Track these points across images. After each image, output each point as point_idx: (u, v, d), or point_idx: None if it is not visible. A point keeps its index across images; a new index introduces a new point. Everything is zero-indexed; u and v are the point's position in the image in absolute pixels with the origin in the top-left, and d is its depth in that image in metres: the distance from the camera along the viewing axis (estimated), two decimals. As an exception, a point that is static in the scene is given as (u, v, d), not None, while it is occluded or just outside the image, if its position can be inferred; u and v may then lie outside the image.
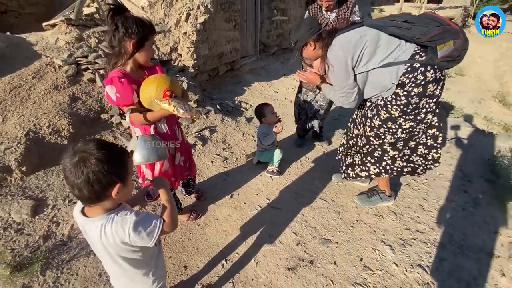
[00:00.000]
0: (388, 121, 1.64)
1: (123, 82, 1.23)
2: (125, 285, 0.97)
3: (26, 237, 1.60)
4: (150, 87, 1.23)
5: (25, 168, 1.92)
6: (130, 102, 1.28)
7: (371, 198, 2.06)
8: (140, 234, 0.80)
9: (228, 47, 4.45)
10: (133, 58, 1.31)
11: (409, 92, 1.51)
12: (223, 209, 2.00)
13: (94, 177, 0.71)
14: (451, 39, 1.38)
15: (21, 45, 2.84)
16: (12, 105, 2.24)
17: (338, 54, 1.53)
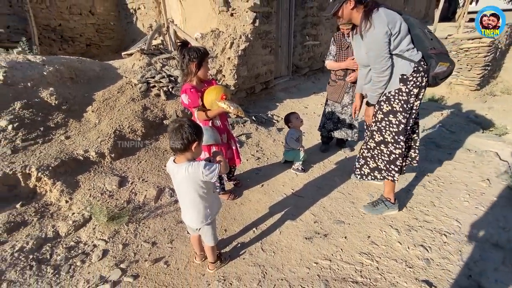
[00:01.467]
0: (390, 114, 1.87)
1: (192, 92, 1.86)
2: (192, 215, 1.48)
3: (115, 201, 2.24)
4: (212, 93, 1.82)
5: (113, 155, 2.63)
6: (197, 105, 1.88)
7: (377, 206, 2.17)
8: (208, 170, 1.33)
9: (264, 69, 5.11)
10: (197, 75, 1.93)
11: (410, 91, 1.78)
12: (255, 194, 2.47)
13: (185, 135, 1.27)
14: (449, 63, 1.70)
15: (109, 69, 3.78)
16: (104, 111, 3.05)
17: (382, 17, 1.64)
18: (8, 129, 2.44)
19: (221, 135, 2.05)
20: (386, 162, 2.01)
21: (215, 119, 2.02)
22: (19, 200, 2.12)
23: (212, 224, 1.56)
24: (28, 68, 2.94)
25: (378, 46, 1.69)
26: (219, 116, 2.03)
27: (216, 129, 2.01)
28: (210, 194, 1.48)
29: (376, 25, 1.65)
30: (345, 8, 1.76)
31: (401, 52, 1.74)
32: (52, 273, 1.65)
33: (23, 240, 1.82)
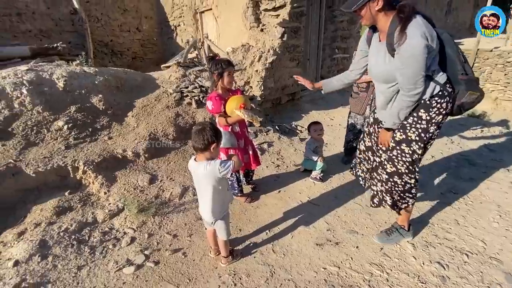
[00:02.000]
0: (403, 143, 1.62)
1: (216, 99, 2.07)
2: (209, 209, 1.64)
3: (145, 195, 2.50)
4: (233, 102, 2.02)
5: (147, 155, 2.93)
6: (219, 111, 2.08)
7: (391, 236, 1.98)
8: (223, 167, 1.50)
9: (290, 81, 5.26)
10: (220, 84, 2.14)
11: (431, 119, 1.53)
12: (271, 199, 2.57)
13: (206, 136, 1.47)
14: (479, 93, 1.50)
15: (149, 79, 4.22)
16: (142, 116, 3.41)
17: (422, 27, 1.34)
18: (64, 129, 2.87)
19: (239, 140, 2.22)
20: (401, 192, 1.78)
21: (234, 125, 2.19)
22: (68, 189, 2.47)
23: (225, 219, 1.70)
24: (84, 77, 3.43)
25: (417, 62, 1.37)
26: (238, 123, 2.21)
27: (235, 134, 2.18)
28: (225, 191, 1.65)
29: (415, 35, 1.34)
30: (371, 8, 1.44)
31: (431, 72, 1.46)
32: (89, 252, 1.91)
33: (68, 222, 2.12)
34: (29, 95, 2.90)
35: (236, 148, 2.18)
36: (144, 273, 1.76)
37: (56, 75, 3.24)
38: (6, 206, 2.26)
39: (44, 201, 2.32)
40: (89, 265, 1.82)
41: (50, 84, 3.14)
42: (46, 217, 2.15)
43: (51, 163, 2.49)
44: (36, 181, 2.41)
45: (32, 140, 2.69)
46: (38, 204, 2.28)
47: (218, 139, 1.53)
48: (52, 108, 2.99)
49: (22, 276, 1.69)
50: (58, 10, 6.89)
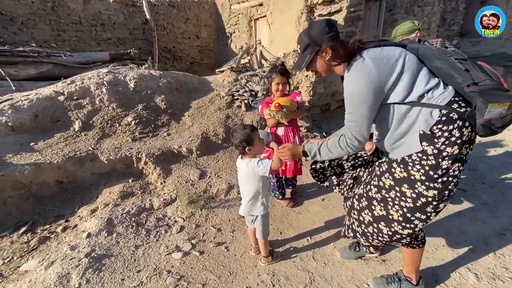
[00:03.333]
0: (403, 183, 1.27)
1: (263, 103, 2.18)
2: (249, 205, 1.73)
3: (195, 189, 2.69)
4: (272, 104, 2.08)
5: (199, 152, 3.16)
6: (261, 114, 2.16)
7: (390, 285, 1.62)
8: (260, 165, 1.58)
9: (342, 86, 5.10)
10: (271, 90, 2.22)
11: (441, 151, 1.17)
12: (314, 206, 2.52)
13: (237, 142, 1.60)
14: (509, 102, 1.10)
15: (205, 83, 4.54)
16: (197, 116, 3.69)
17: (370, 70, 1.17)
18: (132, 124, 3.27)
19: (280, 143, 2.24)
20: (385, 241, 1.44)
21: (279, 127, 2.23)
22: (131, 177, 2.80)
23: (264, 219, 1.74)
24: (150, 80, 3.86)
25: (354, 107, 1.22)
26: (284, 126, 2.24)
27: (277, 137, 2.23)
28: (266, 189, 1.71)
29: (356, 78, 1.19)
30: (320, 60, 1.30)
31: (418, 98, 1.18)
32: (145, 234, 2.13)
33: (130, 206, 2.41)
34: (107, 94, 3.39)
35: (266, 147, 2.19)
36: (190, 260, 1.90)
37: (129, 77, 3.72)
38: (84, 186, 2.67)
39: (112, 185, 2.68)
40: (144, 245, 2.04)
41: (124, 84, 3.62)
42: (113, 199, 2.47)
43: (120, 153, 2.86)
44: (108, 167, 2.80)
45: (107, 132, 3.13)
46: (107, 188, 2.64)
47: (249, 142, 1.58)
48: (123, 106, 3.43)
49: (92, 247, 1.97)
50: (133, 20, 7.88)
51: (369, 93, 1.17)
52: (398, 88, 1.19)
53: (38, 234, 2.18)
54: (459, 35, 8.29)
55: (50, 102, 3.15)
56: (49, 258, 1.88)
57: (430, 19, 6.46)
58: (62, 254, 1.91)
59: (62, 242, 2.08)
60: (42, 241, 2.10)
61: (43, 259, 1.90)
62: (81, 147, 2.84)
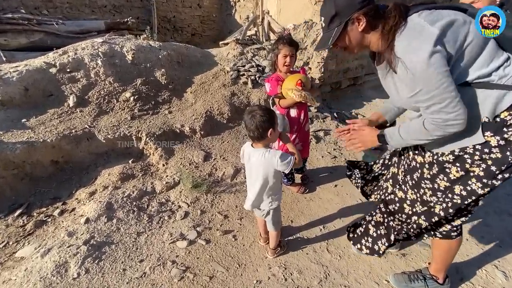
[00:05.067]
0: (459, 182, 1.09)
1: (273, 80, 1.91)
2: (259, 199, 1.53)
3: (199, 172, 2.53)
4: (287, 81, 1.84)
5: (202, 132, 2.96)
6: (275, 92, 1.92)
7: (413, 283, 1.48)
8: (283, 161, 1.34)
9: (355, 63, 4.76)
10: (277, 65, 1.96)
11: (509, 143, 0.97)
12: (327, 193, 2.37)
13: (259, 124, 1.31)
14: None
15: (208, 56, 4.22)
16: (200, 93, 3.44)
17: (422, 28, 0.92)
18: (130, 100, 3.03)
19: (294, 126, 2.04)
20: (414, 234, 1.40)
21: (291, 108, 2.01)
22: (131, 157, 2.63)
23: (277, 211, 1.58)
24: (149, 51, 3.55)
25: (428, 82, 0.91)
26: (296, 107, 2.01)
27: (291, 119, 2.01)
28: (279, 183, 1.52)
29: (413, 46, 0.92)
30: (351, 33, 1.05)
31: (482, 77, 0.95)
32: (147, 220, 2.00)
33: (130, 189, 2.26)
34: (103, 66, 3.12)
35: (288, 132, 1.99)
36: (196, 250, 1.78)
37: (126, 48, 3.41)
38: (81, 167, 2.51)
39: (111, 165, 2.52)
40: (147, 232, 1.91)
41: (121, 56, 3.33)
42: (112, 182, 2.32)
43: (118, 132, 2.66)
44: (106, 147, 2.62)
45: (104, 108, 2.91)
46: (106, 168, 2.48)
47: (272, 123, 1.34)
48: (121, 80, 3.17)
49: (91, 233, 1.85)
50: (129, -14, 7.28)
51: (441, 58, 0.89)
52: (461, 62, 0.94)
53: (34, 217, 2.05)
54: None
55: (41, 75, 2.90)
56: (46, 245, 1.77)
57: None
58: (59, 240, 1.78)
59: (59, 227, 1.95)
60: (39, 225, 1.98)
61: (39, 245, 1.79)
62: (77, 124, 2.64)
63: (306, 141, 2.25)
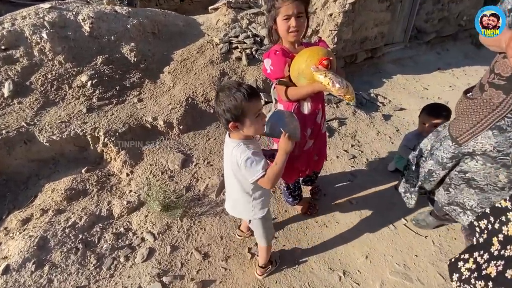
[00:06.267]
0: None
1: (277, 55, 1.20)
2: (233, 204, 1.23)
3: (174, 184, 1.91)
4: (300, 58, 1.12)
5: (182, 127, 2.29)
6: (281, 75, 1.21)
7: None
8: (246, 168, 0.98)
9: (374, 31, 3.89)
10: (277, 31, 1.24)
11: None
12: (345, 213, 1.75)
13: (221, 111, 0.96)
14: None
15: (192, 24, 3.40)
16: (180, 73, 2.71)
17: None
18: (87, 86, 2.33)
19: (307, 128, 1.35)
20: None
21: (304, 101, 1.30)
22: (88, 164, 2.01)
23: (261, 222, 1.21)
24: (114, 20, 2.77)
25: None
26: (311, 99, 1.30)
27: (303, 118, 1.30)
28: (259, 188, 1.11)
29: None
30: None
31: None
32: (94, 265, 1.42)
33: (78, 214, 1.66)
34: (49, 41, 2.37)
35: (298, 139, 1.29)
36: (157, 319, 1.21)
37: (82, 15, 2.63)
38: (19, 179, 1.90)
39: (59, 177, 1.91)
40: (91, 286, 1.34)
41: (75, 27, 2.56)
42: (56, 202, 1.72)
43: (67, 130, 2.01)
44: (52, 151, 1.99)
45: (52, 98, 2.23)
46: (51, 182, 1.87)
47: (238, 114, 0.94)
48: (76, 59, 2.45)
49: (10, 290, 1.28)
50: None
51: None
52: None
53: None
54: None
55: (-34, 54, 2.19)
56: None
57: None
58: (-42, 306, 1.22)
59: (-31, 278, 1.39)
60: None
61: None
62: (11, 122, 1.99)
63: (323, 148, 1.58)
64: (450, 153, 1.18)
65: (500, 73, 0.98)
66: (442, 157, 1.21)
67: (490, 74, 1.03)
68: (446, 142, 1.22)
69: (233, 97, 0.93)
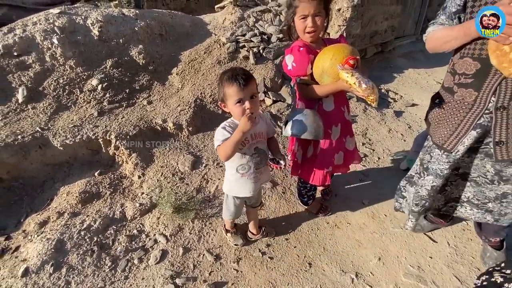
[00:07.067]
0: None
1: (301, 52, 1.18)
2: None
3: (185, 186, 1.92)
4: (325, 56, 1.10)
5: (191, 128, 2.30)
6: (303, 73, 1.20)
7: None
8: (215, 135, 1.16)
9: (384, 24, 3.80)
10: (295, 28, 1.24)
11: None
12: (357, 214, 1.73)
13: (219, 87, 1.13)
14: None
15: (199, 24, 3.40)
16: (188, 74, 2.72)
17: None
18: (98, 89, 2.37)
19: (332, 126, 1.33)
20: None
21: (326, 100, 1.28)
22: (100, 166, 2.05)
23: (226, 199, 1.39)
24: (122, 23, 2.79)
25: None
26: (333, 97, 1.29)
27: (326, 116, 1.28)
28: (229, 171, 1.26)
29: None
30: None
31: None
32: (109, 267, 1.45)
33: (93, 216, 1.70)
34: (60, 46, 2.42)
35: (319, 139, 1.28)
36: (172, 321, 1.24)
37: (91, 19, 2.67)
38: (35, 183, 1.95)
39: (73, 180, 1.95)
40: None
41: (84, 31, 2.60)
42: (70, 205, 1.76)
43: (80, 134, 2.05)
44: (66, 155, 2.03)
45: (64, 102, 2.28)
46: (67, 185, 1.92)
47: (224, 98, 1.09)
48: (86, 63, 2.49)
49: (30, 292, 1.33)
50: None
51: None
52: None
53: (-34, 261, 1.55)
54: None
55: (-19, 62, 2.26)
56: (-35, 314, 1.27)
57: None
58: (-17, 307, 1.28)
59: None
60: (-31, 274, 1.48)
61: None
62: (26, 127, 2.04)
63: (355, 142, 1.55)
64: (447, 163, 1.15)
65: (464, 72, 1.00)
66: (441, 169, 1.18)
67: (454, 76, 1.06)
68: (435, 152, 1.19)
69: (220, 81, 1.09)
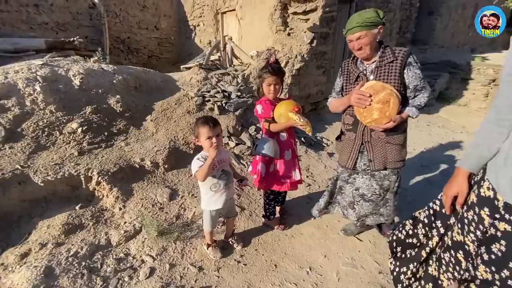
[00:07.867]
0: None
1: (266, 103, 1.84)
2: None
3: (165, 214, 2.20)
4: (282, 106, 1.78)
5: (166, 166, 2.65)
6: (268, 116, 1.83)
7: None
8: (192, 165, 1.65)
9: (315, 89, 4.96)
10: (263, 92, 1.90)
11: None
12: (307, 227, 2.25)
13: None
14: None
15: (169, 81, 3.96)
16: (162, 121, 3.14)
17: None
18: (78, 132, 2.60)
19: (285, 151, 1.93)
20: None
21: (282, 133, 1.92)
22: (79, 202, 2.19)
23: (204, 213, 1.81)
24: (101, 76, 3.18)
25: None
26: (286, 131, 1.94)
27: (281, 143, 1.92)
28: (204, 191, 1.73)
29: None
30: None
31: None
32: (101, 286, 1.61)
33: (78, 244, 1.84)
34: (42, 93, 2.65)
35: (277, 158, 1.92)
36: (167, 320, 1.46)
37: (72, 71, 2.99)
38: (10, 219, 1.98)
39: (52, 214, 2.05)
40: (101, 303, 1.52)
41: (66, 81, 2.89)
42: (53, 236, 1.87)
43: (62, 171, 2.21)
44: (45, 191, 2.14)
45: (43, 143, 2.43)
46: (45, 219, 2.01)
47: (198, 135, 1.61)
48: (66, 108, 2.73)
49: (22, 315, 1.40)
50: (76, 3, 6.72)
51: None
52: None
53: None
54: (411, 42, 8.89)
55: (-45, 103, 2.32)
56: None
57: (392, 25, 6.73)
58: (-30, 334, 1.30)
59: (-29, 311, 1.44)
60: None
61: None
62: (5, 164, 2.13)
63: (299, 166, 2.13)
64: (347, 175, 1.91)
65: (347, 122, 1.81)
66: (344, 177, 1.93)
67: (344, 125, 1.87)
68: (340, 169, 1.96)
69: (196, 123, 1.61)
